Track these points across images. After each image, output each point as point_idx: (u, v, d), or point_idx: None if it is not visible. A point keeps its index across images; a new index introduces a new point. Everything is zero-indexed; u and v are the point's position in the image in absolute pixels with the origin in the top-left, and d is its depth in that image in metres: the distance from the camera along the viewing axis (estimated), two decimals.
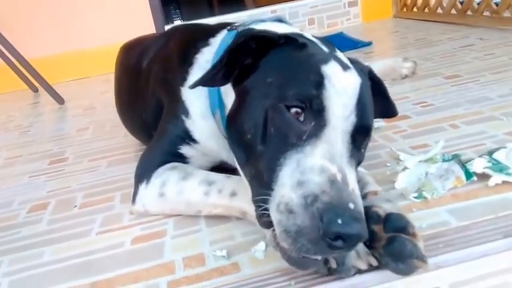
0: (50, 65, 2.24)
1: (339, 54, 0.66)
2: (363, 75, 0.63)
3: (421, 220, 0.64)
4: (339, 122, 0.54)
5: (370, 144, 0.94)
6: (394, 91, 1.26)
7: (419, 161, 0.77)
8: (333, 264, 0.53)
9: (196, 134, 0.79)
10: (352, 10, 2.62)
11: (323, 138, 0.53)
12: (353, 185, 0.50)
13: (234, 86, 0.66)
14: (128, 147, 1.18)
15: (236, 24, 0.81)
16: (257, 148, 0.57)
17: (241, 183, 0.67)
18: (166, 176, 0.75)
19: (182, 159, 0.80)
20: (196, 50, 0.81)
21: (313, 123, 0.54)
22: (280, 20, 0.82)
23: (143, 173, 0.79)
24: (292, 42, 0.62)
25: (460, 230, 0.61)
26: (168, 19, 2.98)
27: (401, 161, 0.80)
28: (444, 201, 0.68)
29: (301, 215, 0.46)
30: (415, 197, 0.70)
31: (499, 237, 0.58)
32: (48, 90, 1.90)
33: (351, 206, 0.46)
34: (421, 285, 0.56)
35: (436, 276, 0.56)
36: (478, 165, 0.72)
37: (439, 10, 2.23)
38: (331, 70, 0.57)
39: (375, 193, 0.62)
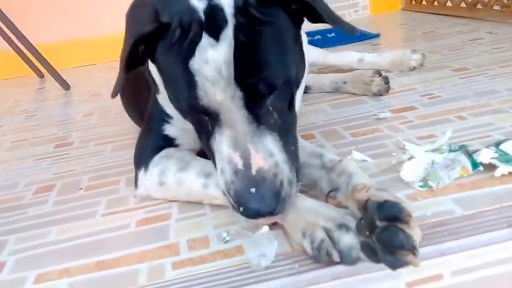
0: (56, 51, 2.23)
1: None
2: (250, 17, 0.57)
3: (425, 208, 0.64)
4: (229, 104, 0.57)
5: (376, 134, 0.94)
6: (401, 82, 1.25)
7: (426, 151, 0.76)
8: (336, 258, 0.54)
9: (167, 108, 0.79)
10: (361, 2, 2.60)
11: (223, 124, 0.59)
12: (259, 161, 0.57)
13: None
14: (133, 132, 1.17)
15: None
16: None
17: None
18: (164, 165, 0.75)
19: (171, 141, 0.80)
20: None
21: (209, 118, 0.60)
22: None
23: (141, 160, 0.79)
24: (165, 30, 0.59)
25: (464, 218, 0.61)
26: None
27: (407, 150, 0.79)
28: (449, 191, 0.68)
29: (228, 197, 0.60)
30: (420, 186, 0.70)
31: (504, 226, 0.58)
32: (54, 76, 1.90)
33: (252, 190, 0.56)
34: (424, 272, 0.56)
35: (439, 263, 0.56)
36: (485, 155, 0.71)
37: (449, 3, 2.20)
38: (198, 61, 0.56)
39: (364, 187, 0.58)
